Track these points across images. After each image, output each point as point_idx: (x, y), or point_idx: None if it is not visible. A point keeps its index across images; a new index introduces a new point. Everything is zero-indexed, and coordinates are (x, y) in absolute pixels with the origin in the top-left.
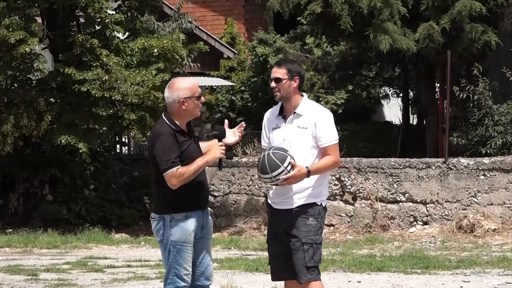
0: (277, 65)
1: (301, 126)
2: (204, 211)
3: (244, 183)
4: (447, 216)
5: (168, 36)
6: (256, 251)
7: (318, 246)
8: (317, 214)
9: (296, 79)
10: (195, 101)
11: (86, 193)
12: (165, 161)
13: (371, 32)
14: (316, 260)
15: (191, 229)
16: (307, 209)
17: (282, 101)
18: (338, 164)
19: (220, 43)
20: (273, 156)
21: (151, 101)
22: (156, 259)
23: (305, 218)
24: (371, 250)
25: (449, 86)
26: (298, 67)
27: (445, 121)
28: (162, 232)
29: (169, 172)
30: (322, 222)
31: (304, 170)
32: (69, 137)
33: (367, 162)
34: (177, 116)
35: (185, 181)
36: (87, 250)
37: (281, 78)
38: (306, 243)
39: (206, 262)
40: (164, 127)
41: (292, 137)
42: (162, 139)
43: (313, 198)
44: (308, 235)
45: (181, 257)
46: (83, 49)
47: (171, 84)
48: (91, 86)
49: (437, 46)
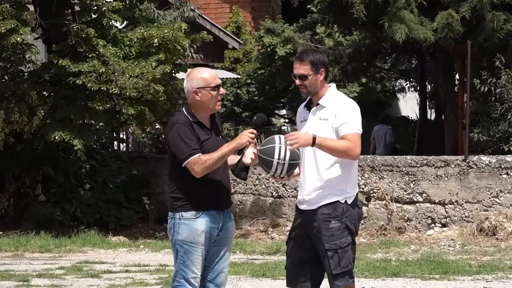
0: (299, 60)
1: (322, 118)
2: (222, 213)
3: (250, 182)
4: (467, 217)
5: (169, 26)
6: (263, 255)
7: (345, 250)
8: (340, 215)
9: (322, 71)
10: (210, 91)
11: (81, 193)
12: (185, 149)
13: (386, 21)
14: (344, 266)
15: (200, 229)
16: (329, 209)
17: (310, 96)
18: (353, 153)
19: (224, 32)
20: (262, 155)
21: (151, 94)
22: (156, 263)
23: (327, 221)
24: (386, 254)
25: (470, 78)
26: (321, 57)
27: (465, 116)
28: (173, 231)
29: (191, 160)
30: (349, 221)
31: (310, 135)
32: (63, 133)
33: (381, 160)
34: (194, 108)
35: (209, 169)
36: (82, 254)
37: (306, 75)
38: (329, 249)
39: (219, 268)
40: (180, 117)
41: (314, 129)
42: (177, 128)
43: (336, 196)
44: (331, 239)
45: (188, 259)
46: (78, 39)
47: (188, 73)
48: (86, 79)
49: (457, 36)
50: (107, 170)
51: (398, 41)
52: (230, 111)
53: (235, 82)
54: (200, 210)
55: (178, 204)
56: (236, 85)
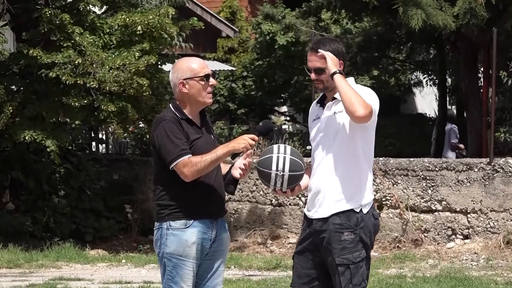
0: (314, 51)
1: (338, 111)
2: (215, 222)
3: (247, 188)
4: (492, 228)
5: (154, 11)
6: (260, 270)
7: (358, 265)
8: (354, 225)
9: (340, 64)
10: (199, 82)
11: (55, 200)
12: (173, 149)
13: (400, 6)
14: (356, 283)
15: (191, 240)
16: (342, 219)
17: (326, 91)
18: (361, 107)
19: (217, 19)
20: (260, 167)
21: (134, 89)
22: (139, 280)
23: (339, 232)
24: (401, 269)
25: (495, 71)
26: (339, 46)
27: (490, 113)
28: (159, 243)
29: (180, 161)
30: (363, 233)
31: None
32: (34, 133)
33: (395, 163)
34: (182, 103)
35: (201, 173)
36: (56, 270)
37: (323, 68)
38: (341, 264)
39: (212, 285)
40: (167, 114)
41: (327, 125)
42: (164, 126)
43: (350, 204)
44: (342, 253)
45: (177, 274)
46: (51, 26)
47: (174, 65)
48: (61, 71)
49: (481, 23)
50: (84, 174)
51: (414, 29)
52: (224, 108)
53: (229, 75)
54: (190, 219)
55: (166, 213)
56: (230, 78)
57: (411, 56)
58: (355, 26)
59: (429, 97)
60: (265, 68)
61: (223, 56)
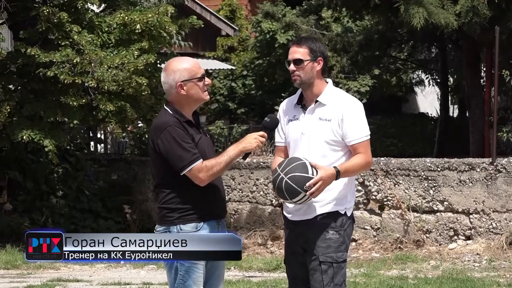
0: (297, 43)
1: (323, 118)
2: (219, 223)
3: (247, 188)
4: (495, 229)
5: (153, 9)
6: (261, 271)
7: (340, 265)
8: (340, 226)
9: (319, 60)
10: (197, 83)
11: (53, 201)
12: (185, 155)
13: (402, 4)
14: (337, 283)
15: None
16: (328, 220)
17: (302, 87)
18: (370, 164)
19: (217, 17)
20: (291, 182)
21: (133, 88)
22: (139, 281)
23: (324, 231)
24: (402, 270)
25: (498, 70)
26: (321, 46)
27: (493, 112)
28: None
29: (194, 167)
30: (346, 235)
31: (332, 170)
32: (32, 133)
33: (397, 163)
34: (179, 105)
35: (216, 176)
36: (55, 271)
37: (302, 60)
38: (324, 262)
39: (214, 286)
40: (168, 118)
41: (312, 130)
42: (170, 132)
43: (336, 206)
44: (327, 252)
45: (190, 278)
46: (49, 25)
47: (166, 67)
48: (59, 70)
49: (483, 21)
50: (82, 174)
51: (416, 27)
52: (224, 107)
53: (229, 74)
54: (201, 222)
55: (175, 216)
56: (230, 78)
57: (412, 55)
58: (356, 25)
59: (430, 96)
60: (265, 67)
61: (222, 55)
